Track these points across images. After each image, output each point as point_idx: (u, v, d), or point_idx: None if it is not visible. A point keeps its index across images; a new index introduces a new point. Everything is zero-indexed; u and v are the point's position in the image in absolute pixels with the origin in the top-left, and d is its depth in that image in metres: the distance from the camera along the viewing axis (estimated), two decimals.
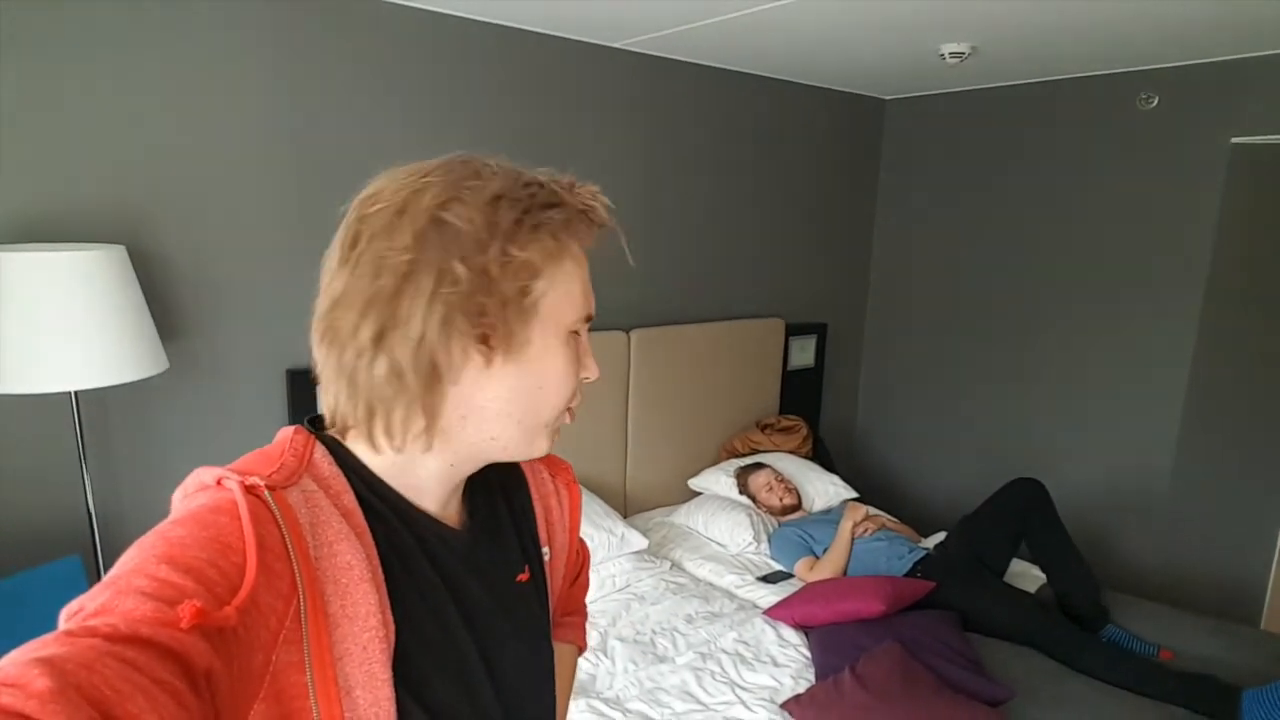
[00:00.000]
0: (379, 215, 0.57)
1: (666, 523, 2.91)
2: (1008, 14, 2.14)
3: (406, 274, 0.55)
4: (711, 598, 2.38)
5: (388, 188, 0.58)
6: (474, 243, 0.55)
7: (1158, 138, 2.78)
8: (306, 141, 2.10)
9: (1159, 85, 2.75)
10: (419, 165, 0.60)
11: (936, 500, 3.63)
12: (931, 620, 2.13)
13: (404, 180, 0.58)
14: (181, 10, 1.86)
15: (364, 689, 0.54)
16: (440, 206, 0.56)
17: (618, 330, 2.81)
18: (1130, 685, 1.95)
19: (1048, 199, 3.11)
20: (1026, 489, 2.48)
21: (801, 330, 3.50)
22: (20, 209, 1.74)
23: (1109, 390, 3.00)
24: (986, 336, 3.38)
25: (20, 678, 0.37)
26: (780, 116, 3.22)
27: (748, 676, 1.97)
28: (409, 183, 0.58)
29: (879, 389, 3.86)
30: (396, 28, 2.20)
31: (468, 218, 0.56)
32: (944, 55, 2.55)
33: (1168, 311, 2.81)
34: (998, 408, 3.37)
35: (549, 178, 0.61)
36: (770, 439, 3.21)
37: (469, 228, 0.55)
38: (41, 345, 1.54)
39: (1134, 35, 2.33)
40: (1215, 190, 2.66)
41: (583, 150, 2.67)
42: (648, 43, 2.60)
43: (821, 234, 3.53)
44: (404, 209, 0.56)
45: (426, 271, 0.55)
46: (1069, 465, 3.14)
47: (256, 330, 2.10)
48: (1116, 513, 3.02)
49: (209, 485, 0.54)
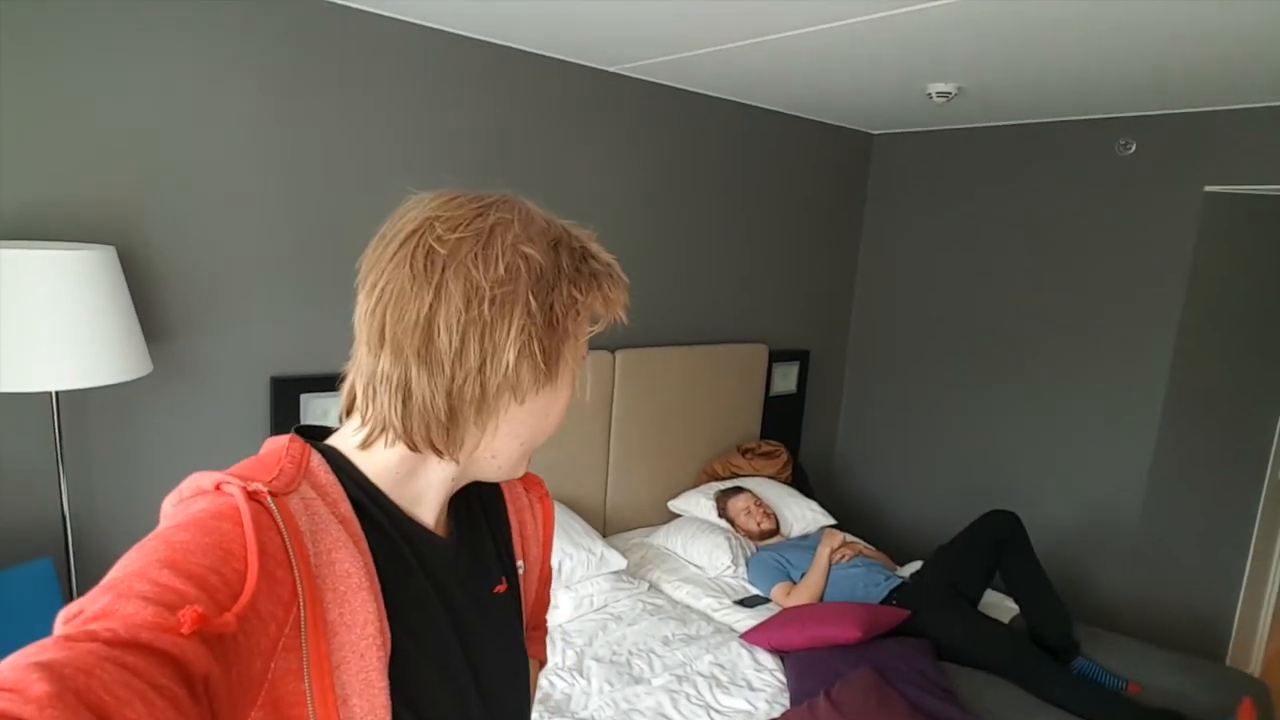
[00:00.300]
0: (462, 244, 0.58)
1: (645, 544, 2.91)
2: (992, 58, 2.20)
3: (502, 305, 0.58)
4: (689, 620, 2.38)
5: (453, 215, 0.60)
6: (547, 282, 0.60)
7: (1135, 183, 2.86)
8: (297, 150, 2.11)
9: (1137, 132, 2.83)
10: (470, 195, 0.62)
11: (913, 529, 3.67)
12: (906, 648, 2.14)
13: (468, 209, 0.60)
14: (173, 14, 1.87)
15: (360, 697, 0.55)
16: (522, 243, 0.59)
17: (603, 350, 2.83)
18: (1098, 717, 1.97)
19: (1028, 237, 3.18)
20: (1001, 520, 2.52)
21: (784, 357, 3.54)
22: (11, 207, 1.73)
23: (1083, 425, 3.06)
24: (965, 369, 3.43)
25: (18, 682, 0.37)
26: (770, 146, 3.27)
27: (723, 700, 1.97)
28: (473, 211, 0.60)
29: (859, 417, 3.90)
30: (390, 42, 2.22)
31: (539, 257, 0.60)
32: (931, 95, 2.62)
33: (1142, 350, 2.88)
34: (975, 439, 3.42)
35: (577, 229, 0.66)
36: (751, 463, 3.23)
37: (542, 267, 0.60)
38: (24, 344, 1.52)
39: (1112, 83, 2.41)
40: (1189, 236, 2.74)
41: (574, 171, 2.70)
42: (641, 68, 2.64)
43: (807, 262, 3.59)
44: (489, 241, 0.59)
45: (517, 304, 0.59)
46: (1043, 497, 3.19)
47: (242, 337, 2.09)
48: (1089, 546, 3.06)
49: (208, 490, 0.55)
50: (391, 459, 0.63)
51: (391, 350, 0.59)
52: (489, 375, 0.59)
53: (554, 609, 2.33)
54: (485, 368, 0.59)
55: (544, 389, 0.63)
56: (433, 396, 0.59)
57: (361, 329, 0.61)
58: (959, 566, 2.50)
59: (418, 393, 0.59)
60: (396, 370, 0.59)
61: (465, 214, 0.60)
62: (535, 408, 0.64)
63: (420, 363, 0.58)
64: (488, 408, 0.61)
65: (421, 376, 0.58)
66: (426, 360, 0.58)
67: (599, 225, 0.80)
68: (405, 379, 0.59)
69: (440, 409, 0.59)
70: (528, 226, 0.61)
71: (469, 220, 0.59)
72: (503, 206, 0.61)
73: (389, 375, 0.59)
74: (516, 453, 0.66)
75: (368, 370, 0.60)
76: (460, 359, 0.58)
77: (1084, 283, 3.03)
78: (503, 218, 0.60)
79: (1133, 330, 2.90)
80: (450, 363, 0.58)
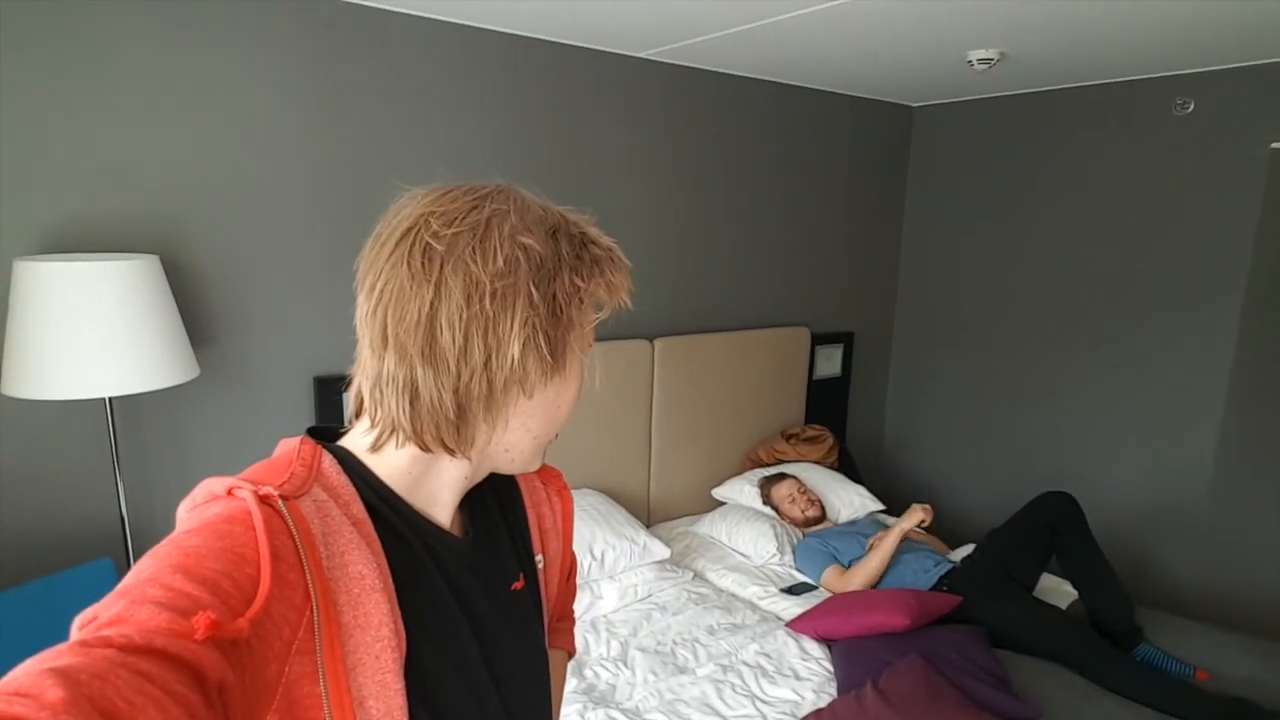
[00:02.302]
0: (459, 239, 0.57)
1: (690, 532, 2.90)
2: (1035, 19, 2.11)
3: (504, 299, 0.57)
4: (734, 609, 2.36)
5: (448, 209, 0.59)
6: (547, 271, 0.59)
7: (1194, 144, 2.71)
8: (335, 155, 2.14)
9: (1195, 90, 2.69)
10: (464, 188, 0.61)
11: (967, 513, 3.57)
12: (957, 635, 2.09)
13: (463, 202, 0.59)
14: (215, 27, 1.91)
15: (377, 699, 0.55)
16: (520, 234, 0.58)
17: (642, 339, 2.81)
18: (1163, 706, 1.89)
19: (1080, 207, 3.05)
20: (1056, 501, 2.43)
21: (828, 339, 3.47)
22: (60, 221, 1.80)
23: (1145, 402, 2.93)
24: (1018, 346, 3.32)
25: (34, 688, 0.37)
26: (807, 124, 3.20)
27: (769, 690, 1.95)
28: (468, 204, 0.59)
29: (908, 399, 3.81)
30: (425, 42, 2.23)
31: (539, 247, 0.59)
32: (971, 62, 2.52)
33: (1205, 321, 2.74)
34: (1030, 419, 3.31)
35: (575, 215, 0.64)
36: (795, 449, 3.18)
37: (542, 256, 0.59)
38: (78, 353, 1.58)
39: (1168, 39, 2.28)
40: (1255, 198, 2.59)
41: (610, 159, 2.68)
42: (674, 52, 2.61)
43: (848, 242, 3.51)
44: (486, 234, 0.58)
45: (518, 297, 0.57)
46: (1103, 478, 3.07)
47: (284, 339, 2.14)
48: (1152, 528, 2.94)
49: (220, 495, 0.55)
50: (403, 460, 0.62)
51: (395, 351, 0.58)
52: (495, 370, 0.58)
53: (598, 599, 2.34)
54: (491, 363, 0.58)
55: (552, 381, 0.62)
56: (440, 396, 0.58)
57: (364, 331, 0.60)
58: (1012, 551, 2.42)
59: (425, 393, 0.58)
60: (402, 371, 0.58)
61: (460, 207, 0.59)
62: (545, 400, 0.63)
63: (425, 362, 0.57)
64: (496, 403, 0.60)
65: (427, 376, 0.58)
66: (431, 360, 0.57)
67: (637, 213, 0.77)
68: (411, 380, 0.58)
69: (448, 408, 0.58)
70: (524, 216, 0.60)
71: (464, 214, 0.58)
72: (498, 197, 0.60)
73: (394, 377, 0.58)
74: (530, 446, 0.65)
75: (373, 373, 0.60)
76: (465, 356, 0.57)
77: (1142, 251, 2.89)
78: (499, 209, 0.59)
79: (1195, 300, 2.76)
80: (455, 361, 0.57)
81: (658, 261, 2.88)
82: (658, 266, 2.89)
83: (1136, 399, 2.96)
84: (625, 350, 2.75)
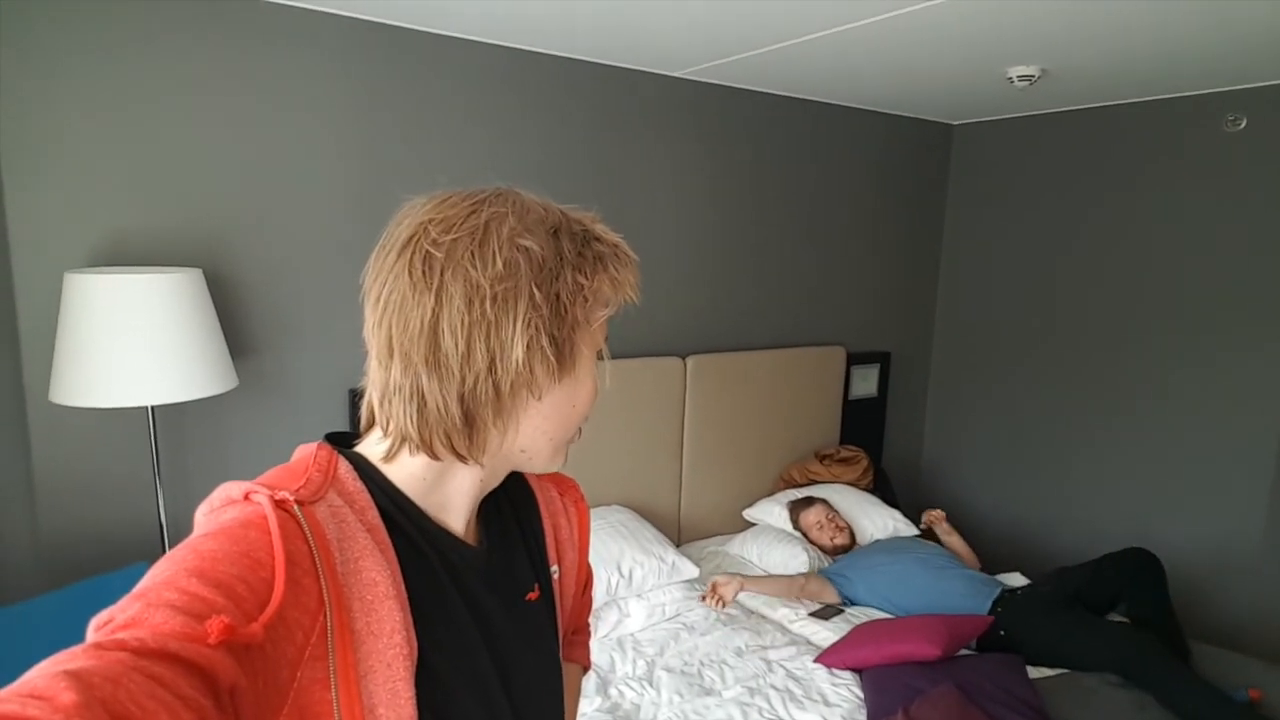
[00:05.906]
0: (458, 244, 0.57)
1: (720, 552, 2.86)
2: (1077, 35, 2.07)
3: (504, 302, 0.57)
4: (763, 631, 2.32)
5: (447, 216, 0.59)
6: (549, 271, 0.59)
7: (1247, 161, 2.63)
8: (371, 171, 2.18)
9: (1247, 105, 2.61)
10: (463, 194, 0.61)
11: (1007, 538, 3.47)
12: (992, 664, 2.02)
13: (461, 208, 0.59)
14: (257, 45, 1.97)
15: (387, 707, 0.54)
16: (519, 235, 0.58)
17: (674, 356, 2.80)
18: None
19: (1127, 227, 2.97)
20: (1142, 558, 2.36)
21: (863, 359, 3.42)
22: (107, 234, 1.86)
23: (1193, 425, 2.82)
24: (1059, 371, 3.23)
25: (47, 690, 0.38)
26: (845, 142, 3.18)
27: (796, 714, 1.91)
28: (466, 209, 0.59)
29: (946, 421, 3.73)
30: (465, 63, 2.27)
31: (539, 247, 0.58)
32: (1012, 78, 2.48)
33: (1260, 349, 2.64)
34: (1073, 445, 3.21)
35: (577, 212, 0.64)
36: (829, 470, 3.13)
37: (543, 257, 0.58)
38: (124, 362, 1.62)
39: (1217, 54, 2.22)
40: None
41: (645, 178, 2.69)
42: (708, 70, 2.62)
43: (886, 261, 3.46)
44: (485, 238, 0.57)
45: (520, 299, 0.57)
46: (1149, 505, 2.96)
47: (322, 351, 2.18)
48: (1201, 565, 2.82)
49: (237, 499, 0.55)
50: (416, 468, 0.62)
51: (400, 361, 0.58)
52: (500, 374, 0.58)
53: (625, 617, 2.32)
54: (495, 367, 0.58)
55: (562, 381, 0.62)
56: (446, 403, 0.58)
57: (371, 342, 0.61)
58: (1082, 587, 2.36)
59: (431, 401, 0.58)
60: (407, 380, 0.58)
61: (459, 213, 0.59)
62: (557, 401, 0.62)
63: (430, 370, 0.58)
64: (504, 407, 0.60)
65: (433, 384, 0.58)
66: (435, 367, 0.57)
67: (671, 229, 0.76)
68: (417, 388, 0.58)
69: (455, 415, 0.58)
70: (524, 217, 0.59)
71: (463, 219, 0.58)
72: (496, 201, 0.60)
73: (401, 386, 0.58)
74: (547, 447, 0.65)
75: (381, 383, 0.60)
76: (469, 361, 0.57)
77: (1192, 274, 2.80)
78: (497, 212, 0.59)
79: (1250, 327, 2.66)
80: (459, 366, 0.57)
81: (692, 278, 2.88)
82: (692, 283, 2.88)
83: (1185, 423, 2.85)
84: (657, 367, 2.75)
